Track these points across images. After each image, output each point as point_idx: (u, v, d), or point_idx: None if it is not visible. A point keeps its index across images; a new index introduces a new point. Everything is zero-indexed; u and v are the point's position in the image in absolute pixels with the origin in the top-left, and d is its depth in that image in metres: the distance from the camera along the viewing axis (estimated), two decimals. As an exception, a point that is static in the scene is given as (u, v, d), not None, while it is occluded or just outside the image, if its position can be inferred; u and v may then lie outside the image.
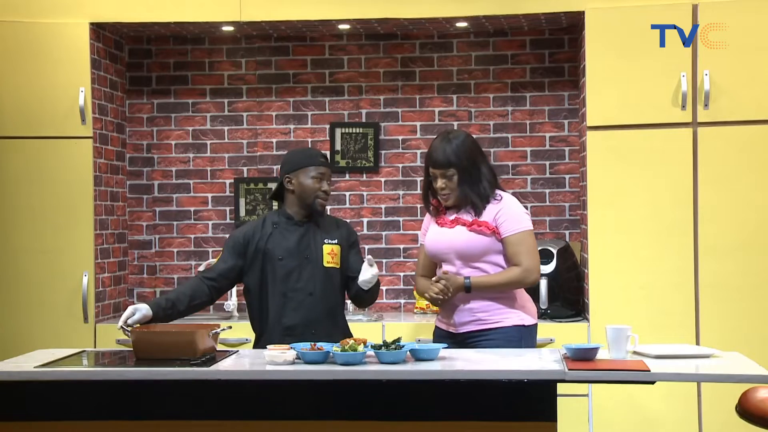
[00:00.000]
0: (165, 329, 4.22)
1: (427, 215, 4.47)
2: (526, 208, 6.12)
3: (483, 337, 4.24)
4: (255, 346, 4.51)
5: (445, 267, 4.33)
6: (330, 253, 4.49)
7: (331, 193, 6.27)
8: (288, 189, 4.54)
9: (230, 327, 4.22)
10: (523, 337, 4.24)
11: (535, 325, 4.35)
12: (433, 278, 4.27)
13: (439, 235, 4.34)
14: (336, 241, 4.53)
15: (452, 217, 4.33)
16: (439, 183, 4.24)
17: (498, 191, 4.34)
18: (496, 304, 4.26)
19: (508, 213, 4.27)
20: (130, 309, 4.21)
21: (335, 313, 4.54)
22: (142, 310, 4.22)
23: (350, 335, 4.48)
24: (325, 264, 4.48)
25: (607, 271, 5.52)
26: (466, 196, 4.26)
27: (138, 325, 4.18)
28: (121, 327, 4.15)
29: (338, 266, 4.51)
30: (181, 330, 4.15)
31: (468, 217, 4.27)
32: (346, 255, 4.56)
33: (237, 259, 4.50)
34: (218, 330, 4.07)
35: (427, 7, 5.73)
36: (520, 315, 4.26)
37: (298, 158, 4.57)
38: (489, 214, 4.27)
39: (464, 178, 4.25)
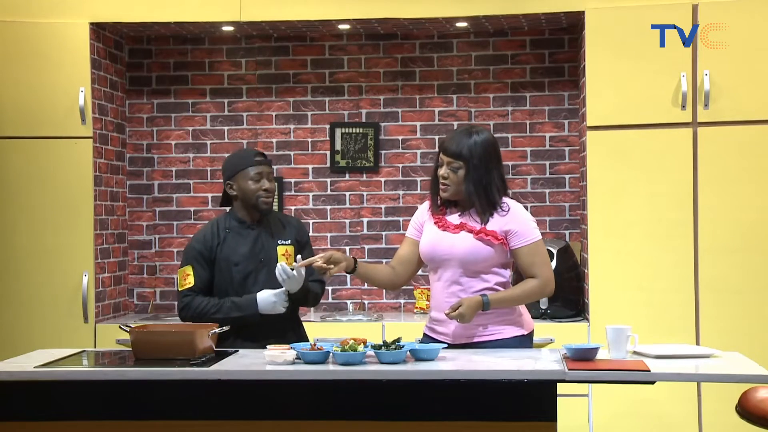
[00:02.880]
0: (165, 329, 4.21)
1: (422, 209, 4.29)
2: (526, 209, 6.14)
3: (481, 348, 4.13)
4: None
5: (444, 273, 4.14)
6: (284, 254, 4.41)
7: (329, 193, 6.32)
8: (232, 195, 4.46)
9: (228, 327, 4.22)
10: (521, 346, 4.16)
11: (532, 332, 4.25)
12: (451, 308, 4.01)
13: (439, 239, 4.15)
14: (289, 241, 4.45)
15: (457, 221, 4.15)
16: (442, 171, 4.11)
17: (504, 200, 4.15)
18: (495, 315, 4.11)
19: (518, 223, 4.10)
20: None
21: (294, 311, 4.46)
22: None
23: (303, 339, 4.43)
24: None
25: (607, 271, 5.52)
26: (469, 196, 4.09)
27: (136, 325, 4.20)
28: (120, 326, 4.15)
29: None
30: (181, 330, 4.15)
31: (475, 225, 4.11)
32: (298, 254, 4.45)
33: (208, 269, 4.44)
34: (216, 330, 4.07)
35: (427, 7, 5.73)
36: (519, 324, 4.15)
37: (235, 161, 4.47)
38: (497, 224, 4.09)
39: (469, 177, 4.08)
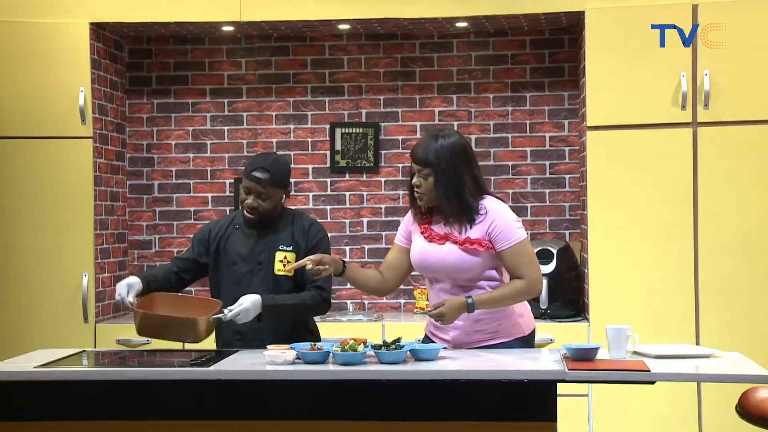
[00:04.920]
0: (168, 313, 4.22)
1: (408, 216, 4.26)
2: (526, 209, 6.14)
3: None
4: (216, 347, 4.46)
5: (438, 284, 4.14)
6: (282, 260, 4.32)
7: (329, 193, 6.32)
8: None
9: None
10: (523, 348, 4.15)
11: (534, 330, 4.23)
12: (433, 306, 4.03)
13: (427, 251, 4.12)
14: (291, 248, 4.34)
15: (442, 231, 4.10)
16: (414, 179, 4.08)
17: (482, 202, 4.08)
18: (494, 320, 4.09)
19: (501, 226, 4.04)
20: (123, 287, 4.21)
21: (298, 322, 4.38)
22: (135, 286, 4.23)
23: (313, 339, 4.36)
24: (276, 272, 4.32)
25: (607, 271, 5.52)
26: (441, 201, 4.04)
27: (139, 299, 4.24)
28: (126, 302, 4.19)
29: (291, 274, 4.31)
30: (184, 316, 4.17)
31: (458, 234, 4.07)
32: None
33: (202, 253, 4.42)
34: (215, 317, 4.12)
35: (427, 7, 5.73)
36: (519, 326, 4.13)
37: (247, 164, 4.41)
38: (479, 230, 4.05)
39: (440, 182, 4.03)
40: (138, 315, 4.12)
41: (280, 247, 4.35)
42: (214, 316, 4.14)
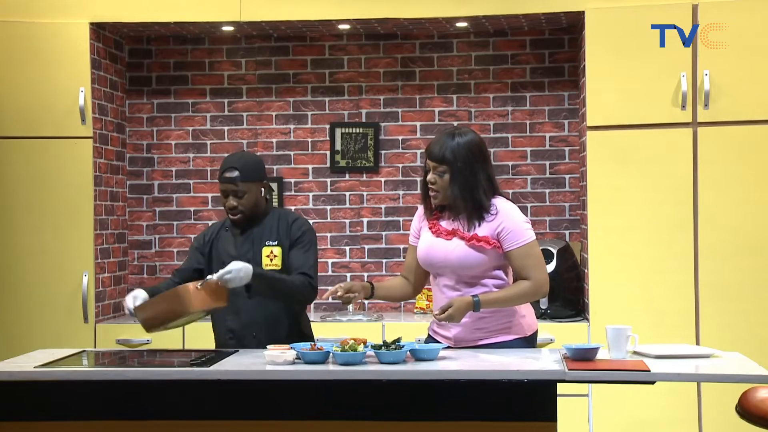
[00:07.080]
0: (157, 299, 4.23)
1: (417, 215, 4.27)
2: (526, 209, 6.14)
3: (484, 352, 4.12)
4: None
5: (442, 280, 4.16)
6: (269, 255, 4.36)
7: (329, 193, 6.32)
8: None
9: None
10: (524, 348, 4.15)
11: (536, 332, 4.23)
12: (441, 307, 4.02)
13: (433, 246, 4.14)
14: (276, 242, 4.38)
15: (450, 227, 4.12)
16: (429, 176, 4.09)
17: (494, 201, 4.09)
18: (496, 318, 4.09)
19: (510, 226, 4.05)
20: (130, 299, 4.23)
21: (279, 315, 4.38)
22: (140, 296, 4.24)
23: (306, 338, 4.38)
24: (264, 267, 4.34)
25: (607, 271, 5.52)
26: (455, 199, 4.06)
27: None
28: (130, 311, 4.22)
29: (279, 268, 4.35)
30: (168, 294, 4.16)
31: (466, 230, 4.08)
32: (287, 254, 4.39)
33: (199, 260, 4.46)
34: (203, 282, 4.07)
35: (427, 7, 5.73)
36: (521, 327, 4.13)
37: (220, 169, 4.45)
38: (488, 228, 4.06)
39: (456, 180, 4.05)
40: (137, 313, 4.13)
41: (266, 243, 4.39)
42: (203, 281, 4.09)
